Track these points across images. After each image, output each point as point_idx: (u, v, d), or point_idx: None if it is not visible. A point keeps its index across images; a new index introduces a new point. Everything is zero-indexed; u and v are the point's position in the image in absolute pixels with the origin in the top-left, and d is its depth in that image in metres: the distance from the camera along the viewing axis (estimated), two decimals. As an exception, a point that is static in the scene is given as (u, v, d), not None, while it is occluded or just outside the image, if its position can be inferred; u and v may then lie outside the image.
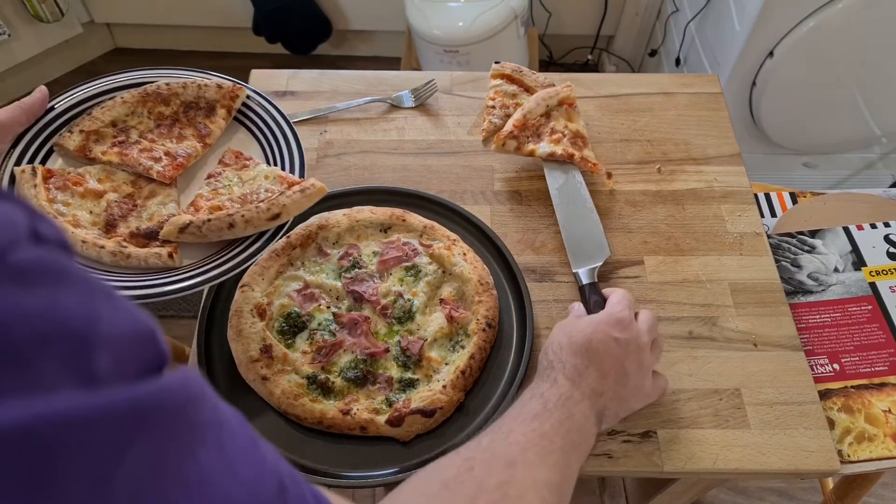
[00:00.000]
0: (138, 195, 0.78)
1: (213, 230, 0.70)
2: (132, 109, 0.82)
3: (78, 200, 0.75)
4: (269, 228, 0.73)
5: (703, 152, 0.97)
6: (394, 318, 0.78)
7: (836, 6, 1.40)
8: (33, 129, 0.78)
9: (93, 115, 0.80)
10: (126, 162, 0.78)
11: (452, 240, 0.83)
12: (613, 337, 0.65)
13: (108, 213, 0.75)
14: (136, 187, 0.78)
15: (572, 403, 0.60)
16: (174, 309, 1.83)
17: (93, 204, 0.75)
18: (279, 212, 0.72)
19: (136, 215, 0.76)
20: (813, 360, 0.87)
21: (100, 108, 0.81)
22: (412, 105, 1.01)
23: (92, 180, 0.77)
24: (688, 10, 1.84)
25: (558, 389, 0.61)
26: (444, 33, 1.88)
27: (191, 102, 0.84)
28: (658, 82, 1.05)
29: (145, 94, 0.83)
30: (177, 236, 0.71)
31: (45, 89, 0.78)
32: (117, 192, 0.77)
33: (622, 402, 0.66)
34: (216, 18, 2.32)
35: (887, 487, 1.57)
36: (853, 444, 0.81)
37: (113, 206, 0.75)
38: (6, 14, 2.06)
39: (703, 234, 0.89)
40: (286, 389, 0.71)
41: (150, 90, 0.83)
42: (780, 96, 1.60)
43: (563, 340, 0.66)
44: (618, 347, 0.65)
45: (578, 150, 0.91)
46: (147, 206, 0.77)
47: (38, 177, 0.74)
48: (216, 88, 0.84)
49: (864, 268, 0.96)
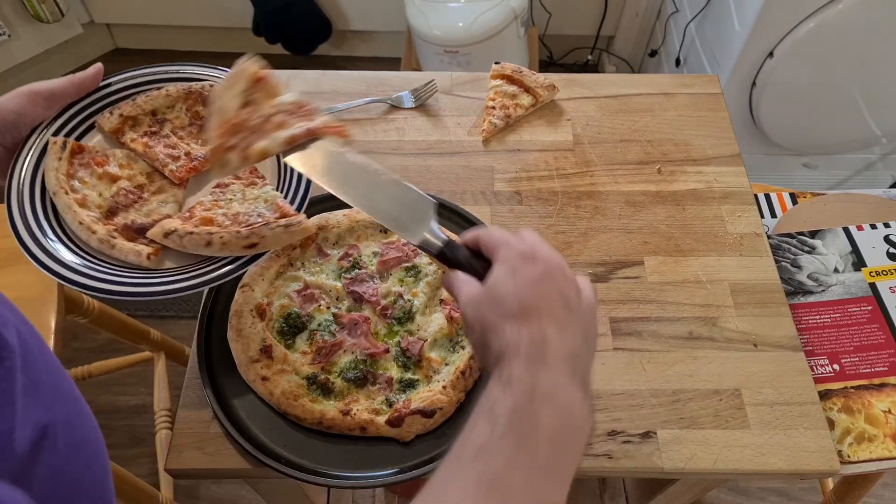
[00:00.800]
0: (148, 188, 0.78)
1: (191, 243, 0.69)
2: (173, 103, 0.83)
3: (94, 181, 0.75)
4: (243, 255, 0.69)
5: (703, 153, 0.97)
6: (394, 318, 0.78)
7: (836, 6, 1.40)
8: (81, 103, 0.78)
9: (136, 102, 0.81)
10: (147, 154, 0.78)
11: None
12: (535, 276, 0.51)
13: (114, 200, 0.75)
14: (150, 180, 0.78)
15: (538, 401, 0.45)
16: (174, 309, 1.83)
17: (105, 187, 0.76)
18: (256, 242, 0.69)
19: (137, 208, 0.75)
20: (813, 360, 0.87)
21: (145, 95, 0.81)
22: (412, 105, 1.02)
23: (114, 164, 0.77)
24: (688, 11, 1.84)
25: (512, 392, 0.46)
26: (444, 33, 1.88)
27: None
28: (658, 83, 1.06)
29: (189, 91, 0.83)
30: (161, 239, 0.70)
31: (101, 66, 0.78)
32: (131, 181, 0.77)
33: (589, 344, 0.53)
34: (216, 19, 2.32)
35: (887, 488, 1.57)
36: (853, 445, 0.81)
37: (121, 193, 0.76)
38: (6, 14, 2.06)
39: (703, 234, 0.89)
40: (286, 390, 0.71)
41: (194, 88, 0.83)
42: (780, 97, 1.60)
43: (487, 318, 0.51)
44: (548, 282, 0.51)
45: (311, 119, 0.71)
46: (150, 201, 0.77)
47: (67, 150, 0.74)
48: None
49: (864, 268, 0.96)
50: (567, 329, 0.50)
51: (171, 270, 0.70)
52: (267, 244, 0.70)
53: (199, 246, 0.69)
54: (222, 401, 0.72)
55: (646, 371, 0.77)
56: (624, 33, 2.32)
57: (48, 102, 0.75)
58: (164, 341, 1.47)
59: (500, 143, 0.98)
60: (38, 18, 2.10)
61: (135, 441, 1.61)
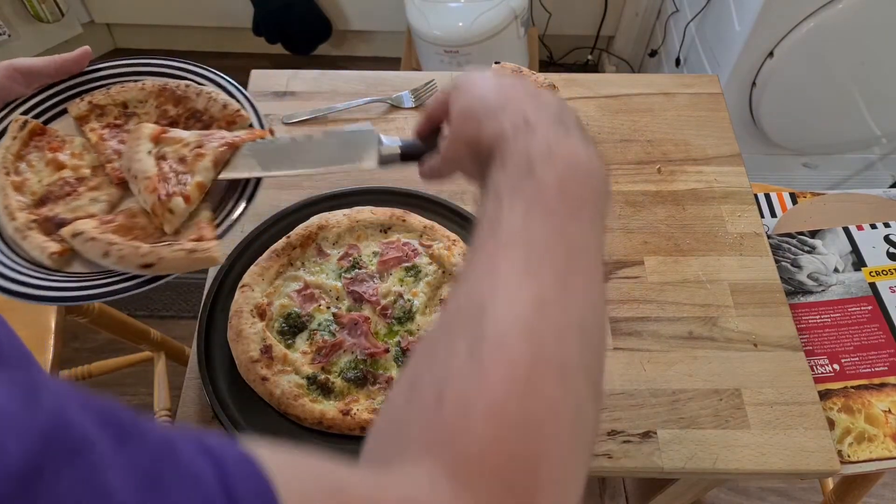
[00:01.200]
0: (87, 183, 0.73)
1: (91, 250, 0.64)
2: (146, 98, 0.79)
3: (41, 166, 0.72)
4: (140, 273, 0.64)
5: (703, 153, 0.97)
6: (394, 318, 0.78)
7: (836, 6, 1.40)
8: (59, 85, 0.76)
9: (109, 92, 0.78)
10: (98, 146, 0.75)
11: (452, 240, 0.83)
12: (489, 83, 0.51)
13: (49, 189, 0.71)
14: (94, 174, 0.74)
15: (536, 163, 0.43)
16: (174, 309, 1.83)
17: (48, 174, 0.72)
18: (153, 262, 0.63)
19: (67, 201, 0.71)
20: (813, 360, 0.87)
21: (120, 86, 0.78)
22: (412, 105, 1.01)
23: (68, 152, 0.74)
24: (688, 11, 1.84)
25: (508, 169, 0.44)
26: (444, 33, 1.88)
27: (197, 111, 0.80)
28: (658, 83, 1.06)
29: (164, 88, 0.79)
30: (70, 239, 0.65)
31: (88, 49, 0.76)
32: (75, 172, 0.73)
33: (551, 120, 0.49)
34: (216, 19, 2.31)
35: (887, 487, 1.57)
36: (853, 445, 0.81)
37: (58, 183, 0.72)
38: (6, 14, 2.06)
39: (703, 234, 0.89)
40: (286, 390, 0.71)
41: (169, 86, 0.80)
42: (780, 97, 1.60)
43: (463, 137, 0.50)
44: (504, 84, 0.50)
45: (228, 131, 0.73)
46: (82, 196, 0.72)
47: (26, 130, 0.71)
48: (221, 107, 0.79)
49: (864, 268, 0.96)
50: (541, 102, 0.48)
51: (68, 276, 0.65)
52: (165, 266, 0.64)
53: (97, 255, 0.64)
54: (222, 401, 0.72)
55: (646, 371, 0.77)
56: (624, 33, 2.32)
57: (27, 80, 0.72)
58: (164, 341, 1.47)
59: (500, 142, 0.98)
60: (38, 18, 2.10)
61: (135, 441, 1.60)
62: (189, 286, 1.86)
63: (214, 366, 0.75)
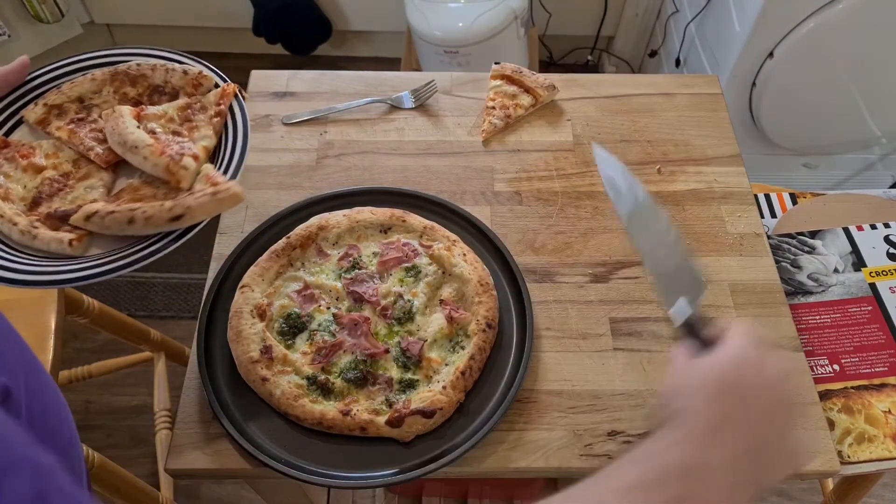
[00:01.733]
0: (74, 175, 0.74)
1: (114, 223, 0.65)
2: (99, 87, 0.79)
3: (19, 174, 0.73)
4: (172, 229, 0.66)
5: (703, 153, 0.97)
6: (394, 318, 0.78)
7: (836, 7, 1.40)
8: (7, 98, 0.76)
9: (61, 90, 0.78)
10: (71, 140, 0.75)
11: (452, 240, 0.83)
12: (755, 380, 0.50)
13: (38, 191, 0.72)
14: (76, 167, 0.75)
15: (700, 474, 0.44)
16: (174, 309, 1.83)
17: (30, 178, 0.73)
18: (182, 213, 0.64)
19: (62, 196, 0.72)
20: (813, 360, 0.87)
21: (70, 83, 0.78)
22: (412, 106, 1.01)
23: (40, 155, 0.74)
24: (688, 11, 1.84)
25: (681, 451, 0.45)
26: (444, 34, 1.88)
27: (157, 86, 0.80)
28: (658, 83, 1.06)
29: (115, 73, 0.79)
30: (83, 224, 0.67)
31: (26, 59, 0.76)
32: (56, 170, 0.74)
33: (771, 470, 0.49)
34: (216, 19, 2.31)
35: (887, 488, 1.57)
36: (853, 445, 0.81)
37: (45, 183, 0.73)
38: (6, 14, 2.06)
39: (703, 234, 0.89)
40: (286, 390, 0.71)
41: (120, 69, 0.80)
42: (780, 97, 1.60)
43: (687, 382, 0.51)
44: (763, 391, 0.49)
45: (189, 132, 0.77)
46: (76, 187, 0.73)
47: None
48: (181, 74, 0.80)
49: (864, 268, 0.96)
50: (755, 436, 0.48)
51: (96, 256, 0.66)
52: (194, 215, 0.65)
53: (122, 224, 0.65)
54: (222, 401, 0.72)
55: (646, 371, 0.77)
56: (624, 33, 2.32)
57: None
58: (164, 341, 1.47)
59: (500, 143, 0.98)
60: (38, 19, 2.10)
61: (135, 441, 1.61)
62: (189, 286, 1.86)
63: (214, 366, 0.75)
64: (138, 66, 0.80)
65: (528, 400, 0.75)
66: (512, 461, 0.71)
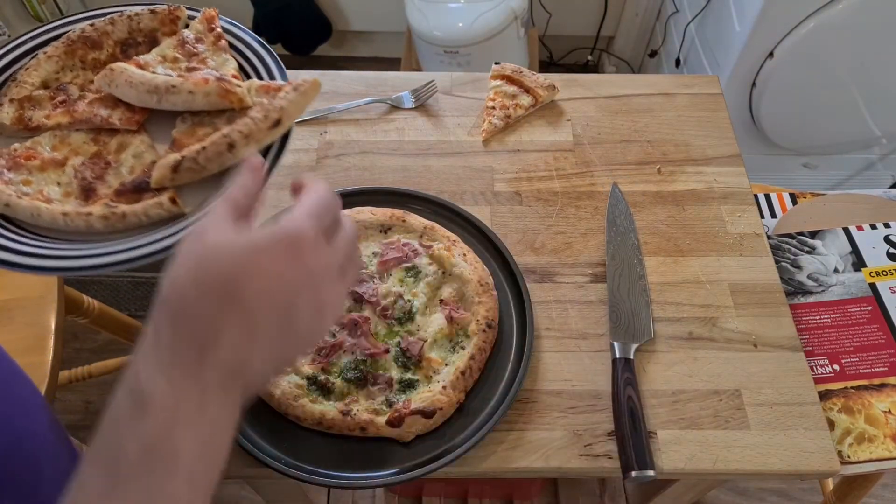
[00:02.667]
0: (106, 152, 0.67)
1: (211, 158, 0.59)
2: (61, 64, 0.71)
3: (38, 175, 0.64)
4: (272, 140, 0.62)
5: (703, 153, 0.97)
6: (394, 318, 0.78)
7: (836, 7, 1.40)
8: None
9: (18, 81, 0.69)
10: (78, 119, 0.67)
11: (452, 240, 0.83)
12: (278, 271, 0.41)
13: (81, 179, 0.64)
14: (101, 144, 0.67)
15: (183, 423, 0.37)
16: (174, 309, 1.83)
17: (57, 174, 0.65)
18: (279, 117, 0.61)
19: (113, 173, 0.65)
20: (813, 360, 0.87)
21: (23, 70, 0.69)
22: (412, 106, 1.02)
23: (46, 150, 0.66)
24: (688, 11, 1.84)
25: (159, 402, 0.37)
26: (444, 34, 1.88)
27: (126, 39, 0.73)
28: (658, 83, 1.06)
29: (70, 43, 0.71)
30: (171, 179, 0.60)
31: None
32: (80, 155, 0.66)
33: (279, 360, 0.44)
34: (216, 19, 2.32)
35: (887, 488, 1.57)
36: (853, 445, 0.81)
37: (81, 170, 0.65)
38: (6, 14, 2.06)
39: (703, 234, 0.89)
40: (286, 390, 0.71)
41: (73, 37, 0.71)
42: (780, 97, 1.60)
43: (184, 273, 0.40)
44: (285, 284, 0.41)
45: None
46: (122, 160, 0.66)
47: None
48: (150, 15, 0.73)
49: (864, 268, 0.96)
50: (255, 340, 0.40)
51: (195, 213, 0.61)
52: (290, 115, 0.62)
53: (222, 155, 0.60)
54: (222, 401, 0.72)
55: (646, 371, 0.77)
56: (624, 34, 2.32)
57: None
58: (164, 341, 1.46)
59: (500, 143, 0.98)
60: (38, 19, 2.10)
61: (135, 441, 1.60)
62: (189, 286, 1.86)
63: (214, 366, 0.75)
64: (93, 26, 0.72)
65: (528, 400, 0.75)
66: (512, 461, 0.71)
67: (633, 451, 0.69)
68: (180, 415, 0.37)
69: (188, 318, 0.39)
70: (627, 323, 0.79)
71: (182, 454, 0.36)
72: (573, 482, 1.35)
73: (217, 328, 0.39)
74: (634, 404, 0.72)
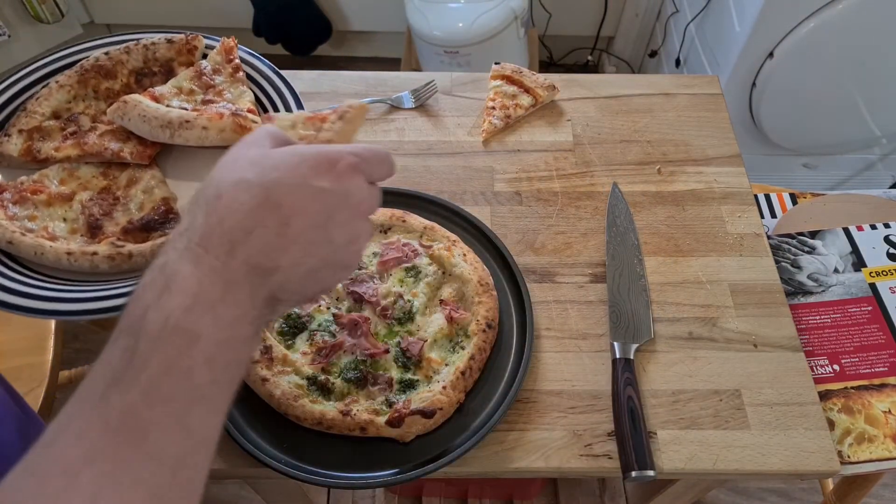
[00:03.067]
0: (115, 186, 0.65)
1: None
2: (73, 94, 0.69)
3: (44, 210, 0.63)
4: None
5: (703, 153, 0.97)
6: (394, 319, 0.78)
7: (836, 7, 1.40)
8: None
9: (28, 111, 0.67)
10: (88, 152, 0.66)
11: (452, 241, 0.83)
12: (316, 186, 0.41)
13: (88, 215, 0.63)
14: (110, 178, 0.66)
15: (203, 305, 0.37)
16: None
17: (63, 210, 0.63)
18: None
19: (121, 209, 0.64)
20: (813, 360, 0.87)
21: (34, 100, 0.68)
22: (412, 106, 1.02)
23: (53, 183, 0.64)
24: (688, 11, 1.84)
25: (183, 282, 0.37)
26: (444, 34, 1.88)
27: (141, 69, 0.71)
28: (658, 83, 1.06)
29: (83, 72, 0.69)
30: None
31: None
32: (89, 190, 0.65)
33: (310, 275, 0.43)
34: (216, 19, 2.32)
35: (887, 488, 1.57)
36: (853, 445, 0.81)
37: (89, 206, 0.63)
38: (6, 14, 2.06)
39: (703, 234, 0.89)
40: (286, 391, 0.71)
41: (87, 66, 0.70)
42: (780, 97, 1.60)
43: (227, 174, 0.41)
44: (323, 198, 0.42)
45: None
46: (131, 195, 0.64)
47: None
48: (167, 45, 0.71)
49: (864, 269, 0.96)
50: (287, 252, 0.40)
51: None
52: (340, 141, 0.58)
53: None
54: (222, 401, 0.72)
55: (646, 371, 0.77)
56: (624, 34, 2.32)
57: None
58: (164, 342, 1.46)
59: (500, 143, 0.98)
60: (38, 19, 2.10)
61: (135, 441, 1.60)
62: (189, 286, 1.86)
63: (214, 366, 0.75)
64: (107, 55, 0.70)
65: (528, 400, 0.75)
66: (512, 461, 0.71)
67: (633, 451, 0.69)
68: (202, 297, 0.37)
69: (224, 212, 0.39)
70: (627, 323, 0.79)
71: (202, 335, 0.37)
72: (573, 482, 1.35)
73: (250, 226, 0.39)
74: (634, 404, 0.72)
